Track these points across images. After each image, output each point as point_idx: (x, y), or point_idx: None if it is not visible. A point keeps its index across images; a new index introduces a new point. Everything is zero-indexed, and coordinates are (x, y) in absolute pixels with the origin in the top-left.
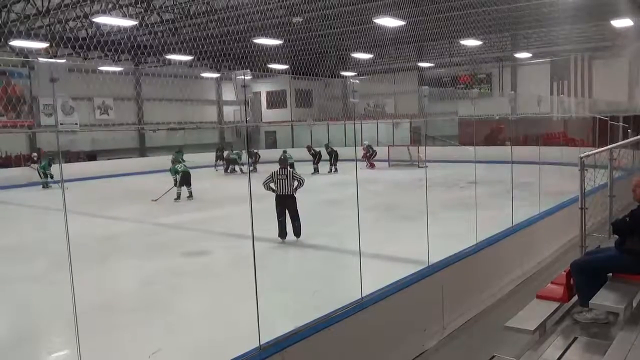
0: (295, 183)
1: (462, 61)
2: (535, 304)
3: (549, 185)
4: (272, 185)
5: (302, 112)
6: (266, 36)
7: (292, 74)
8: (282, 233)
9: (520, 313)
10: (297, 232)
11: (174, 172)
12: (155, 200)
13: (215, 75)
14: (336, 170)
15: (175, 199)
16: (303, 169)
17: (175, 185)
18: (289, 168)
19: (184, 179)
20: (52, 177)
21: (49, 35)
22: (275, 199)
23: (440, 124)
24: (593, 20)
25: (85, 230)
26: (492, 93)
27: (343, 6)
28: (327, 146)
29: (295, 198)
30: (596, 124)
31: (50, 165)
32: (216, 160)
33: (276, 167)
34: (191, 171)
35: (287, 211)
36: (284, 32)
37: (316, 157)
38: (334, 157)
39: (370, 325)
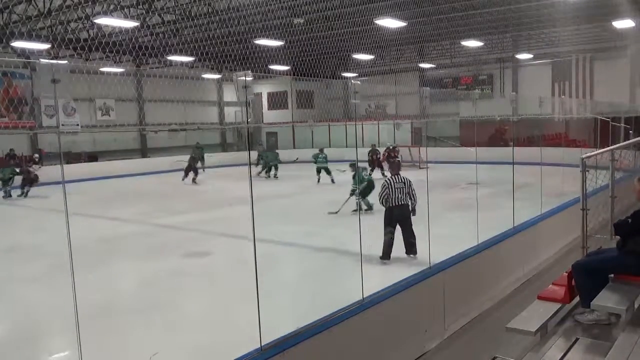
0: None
1: (464, 62)
2: (536, 305)
3: (550, 187)
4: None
5: (303, 113)
6: (267, 37)
7: (293, 75)
8: (390, 252)
9: (522, 314)
10: (414, 248)
11: (360, 181)
12: (335, 212)
13: (217, 76)
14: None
15: (366, 210)
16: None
17: (352, 194)
18: (401, 174)
19: (368, 190)
20: (8, 191)
21: (50, 37)
22: (389, 210)
23: (441, 125)
24: (594, 21)
25: (86, 232)
26: (494, 94)
27: (344, 7)
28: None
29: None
30: (597, 125)
31: (10, 179)
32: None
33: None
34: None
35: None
36: (285, 33)
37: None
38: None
39: (371, 326)
